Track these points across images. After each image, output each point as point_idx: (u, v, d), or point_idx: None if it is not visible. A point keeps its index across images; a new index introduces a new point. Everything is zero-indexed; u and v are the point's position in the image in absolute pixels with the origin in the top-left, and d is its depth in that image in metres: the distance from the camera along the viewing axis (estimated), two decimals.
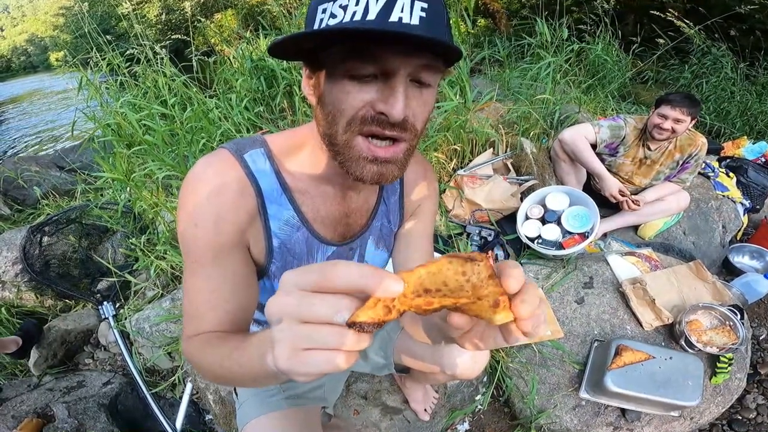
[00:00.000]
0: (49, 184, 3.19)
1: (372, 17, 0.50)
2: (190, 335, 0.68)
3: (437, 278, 0.34)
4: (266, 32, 3.08)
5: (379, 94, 0.55)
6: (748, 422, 1.72)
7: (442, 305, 0.36)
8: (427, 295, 0.34)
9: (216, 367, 0.59)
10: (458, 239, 2.12)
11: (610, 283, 1.94)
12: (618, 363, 1.51)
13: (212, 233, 0.66)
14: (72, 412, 1.63)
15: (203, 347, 0.64)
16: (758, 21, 4.88)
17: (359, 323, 0.33)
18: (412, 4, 0.50)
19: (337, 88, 0.56)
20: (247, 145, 0.71)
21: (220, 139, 2.19)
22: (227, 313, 0.68)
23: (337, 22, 0.51)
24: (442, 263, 0.34)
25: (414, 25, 0.51)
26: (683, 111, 2.01)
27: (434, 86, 0.59)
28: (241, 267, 0.71)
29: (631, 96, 4.43)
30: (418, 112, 0.58)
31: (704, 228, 2.48)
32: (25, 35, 26.40)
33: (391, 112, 0.54)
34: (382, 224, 0.87)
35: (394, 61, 0.52)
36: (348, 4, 0.51)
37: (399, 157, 0.60)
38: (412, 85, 0.56)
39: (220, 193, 0.66)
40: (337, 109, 0.57)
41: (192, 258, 0.68)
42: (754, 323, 2.17)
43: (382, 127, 0.56)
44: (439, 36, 0.52)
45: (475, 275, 0.34)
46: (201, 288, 0.68)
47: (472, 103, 2.37)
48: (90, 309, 2.15)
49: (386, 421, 1.57)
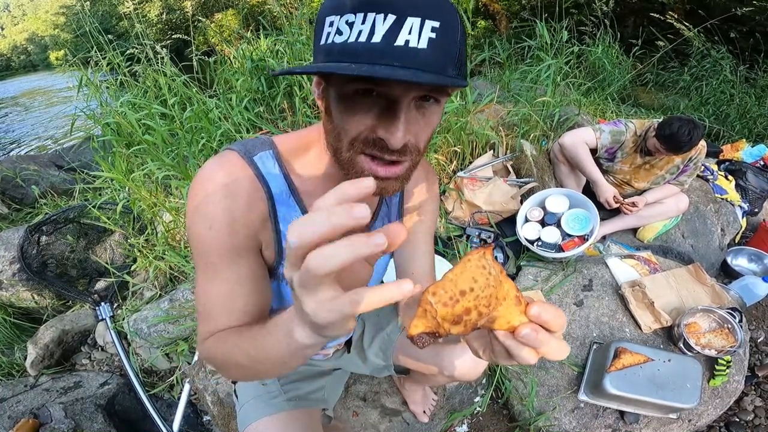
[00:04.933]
0: (47, 183, 3.18)
1: (377, 39, 0.48)
2: (205, 338, 0.68)
3: (466, 276, 0.36)
4: (267, 32, 3.08)
5: (379, 120, 0.54)
6: (745, 424, 1.73)
7: (479, 314, 0.37)
8: (465, 298, 0.36)
9: (241, 358, 0.58)
10: (458, 241, 2.12)
11: (609, 286, 1.94)
12: (617, 365, 1.51)
13: (227, 235, 0.66)
14: (69, 413, 1.62)
15: (223, 343, 0.63)
16: (758, 23, 4.89)
17: (418, 335, 0.37)
18: (422, 25, 0.48)
19: (342, 106, 0.56)
20: (256, 146, 0.71)
21: (220, 140, 2.19)
22: (244, 314, 0.68)
23: (343, 41, 0.50)
24: (463, 263, 0.36)
25: (421, 50, 0.48)
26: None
27: (441, 103, 0.58)
28: (255, 269, 0.71)
29: (631, 98, 4.44)
30: (421, 134, 0.58)
31: (703, 231, 2.48)
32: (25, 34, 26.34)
33: (390, 140, 0.53)
34: (383, 225, 0.87)
35: (398, 89, 0.51)
36: (355, 21, 0.49)
37: (399, 174, 0.60)
38: (416, 107, 0.55)
39: (233, 195, 0.66)
40: (342, 128, 0.57)
41: (206, 260, 0.67)
42: (752, 326, 2.17)
43: (381, 152, 0.56)
44: (446, 63, 0.51)
45: (492, 268, 0.36)
46: (216, 291, 0.67)
47: (472, 104, 2.36)
48: (87, 309, 2.14)
49: (385, 422, 1.57)
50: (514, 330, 0.38)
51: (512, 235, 2.18)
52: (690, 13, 5.23)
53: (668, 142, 1.99)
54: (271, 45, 2.91)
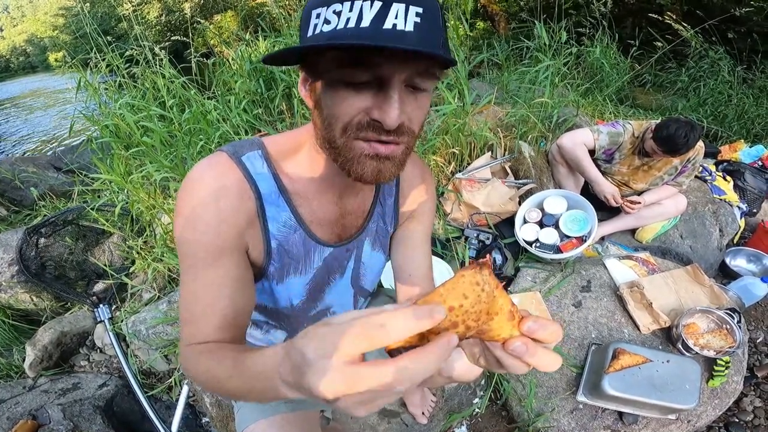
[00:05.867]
0: (46, 185, 3.18)
1: (366, 24, 0.49)
2: (188, 342, 0.67)
3: (456, 292, 0.35)
4: (266, 34, 3.08)
5: (373, 102, 0.55)
6: (745, 425, 1.73)
7: (467, 327, 0.36)
8: (452, 313, 0.35)
9: (214, 384, 0.59)
10: (456, 243, 2.12)
11: (607, 287, 1.94)
12: (615, 366, 1.51)
13: (212, 236, 0.66)
14: (67, 414, 1.62)
15: (203, 360, 0.63)
16: (756, 24, 4.90)
17: (396, 349, 0.35)
18: (407, 10, 0.50)
19: (333, 94, 0.56)
20: (244, 147, 0.71)
21: (218, 141, 2.19)
22: (224, 316, 0.67)
23: (331, 29, 0.51)
24: (457, 278, 0.35)
25: (408, 32, 0.50)
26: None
27: (429, 91, 0.59)
28: (238, 270, 0.70)
29: (629, 99, 4.45)
30: (414, 116, 0.58)
31: (701, 231, 2.49)
32: (24, 35, 26.36)
33: (386, 119, 0.54)
34: (378, 226, 0.87)
35: (389, 68, 0.52)
36: (342, 10, 0.50)
37: (397, 154, 0.60)
38: (407, 90, 0.55)
39: (219, 196, 0.66)
40: (333, 115, 0.57)
41: (189, 261, 0.67)
42: (751, 326, 2.17)
43: (377, 134, 0.56)
44: (433, 45, 0.52)
45: (487, 284, 0.35)
46: (198, 292, 0.67)
47: (470, 106, 2.36)
48: (86, 311, 2.14)
49: (384, 424, 1.57)
50: (504, 342, 0.38)
51: (510, 237, 2.18)
52: (688, 14, 5.23)
53: (665, 144, 2.00)
54: (269, 47, 2.92)
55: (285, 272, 0.79)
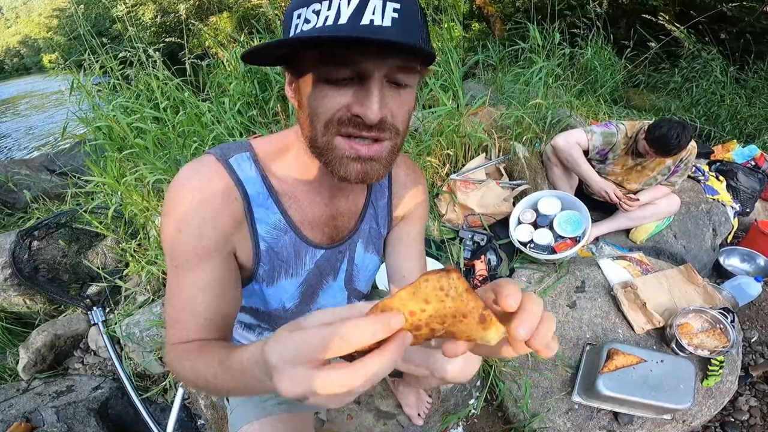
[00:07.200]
0: (39, 187, 3.15)
1: (344, 21, 0.50)
2: (173, 342, 0.68)
3: (417, 297, 0.35)
4: (261, 36, 3.08)
5: (354, 97, 0.55)
6: (740, 424, 1.73)
7: (431, 330, 0.36)
8: (413, 317, 0.35)
9: (201, 382, 0.59)
10: (451, 244, 2.13)
11: (601, 287, 1.95)
12: (610, 366, 1.52)
13: (196, 239, 0.66)
14: (61, 417, 1.61)
15: (189, 358, 0.63)
16: (748, 24, 4.94)
17: (353, 354, 0.35)
18: (384, 6, 0.51)
19: (314, 92, 0.57)
20: (232, 149, 0.71)
21: (212, 143, 2.18)
22: (207, 318, 0.68)
23: (311, 28, 0.52)
24: (419, 282, 0.35)
25: (386, 27, 0.51)
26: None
27: (413, 86, 0.59)
28: (224, 272, 0.70)
29: (623, 100, 4.47)
30: (397, 111, 0.58)
31: (695, 231, 2.50)
32: (18, 37, 26.19)
33: (367, 113, 0.54)
34: (371, 227, 0.87)
35: (368, 63, 0.52)
36: (320, 9, 0.51)
37: (383, 155, 0.60)
38: (389, 86, 0.56)
39: (204, 199, 0.66)
40: (314, 113, 0.58)
41: (175, 263, 0.67)
42: (745, 326, 2.18)
43: (359, 129, 0.56)
44: (410, 37, 0.53)
45: (453, 289, 0.35)
46: (184, 293, 0.68)
47: (465, 107, 2.37)
48: (80, 314, 2.13)
49: (380, 425, 1.57)
50: (473, 341, 0.38)
51: (505, 238, 2.19)
52: (681, 14, 5.27)
53: (657, 145, 2.01)
54: None
55: (275, 274, 0.79)
